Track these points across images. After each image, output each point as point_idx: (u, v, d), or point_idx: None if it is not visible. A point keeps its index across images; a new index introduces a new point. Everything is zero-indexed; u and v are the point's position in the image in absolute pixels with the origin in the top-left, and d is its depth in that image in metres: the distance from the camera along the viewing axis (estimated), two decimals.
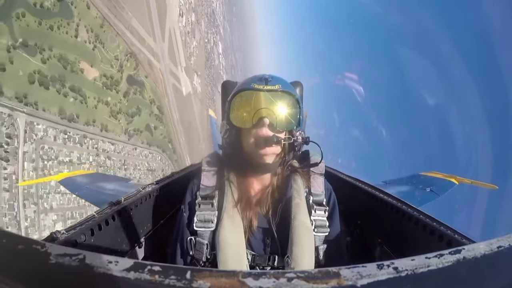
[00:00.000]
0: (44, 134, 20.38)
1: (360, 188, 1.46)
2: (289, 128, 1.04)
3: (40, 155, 20.06)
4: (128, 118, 28.79)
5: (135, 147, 29.80)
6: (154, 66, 34.78)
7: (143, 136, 31.01)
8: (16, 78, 18.54)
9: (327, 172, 1.23)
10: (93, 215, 0.97)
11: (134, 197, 1.19)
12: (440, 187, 2.53)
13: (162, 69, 36.02)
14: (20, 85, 18.61)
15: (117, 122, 27.16)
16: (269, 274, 0.28)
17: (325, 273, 0.28)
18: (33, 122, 19.58)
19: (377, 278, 0.27)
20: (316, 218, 1.03)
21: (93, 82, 24.81)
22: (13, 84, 18.14)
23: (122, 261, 0.29)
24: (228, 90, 1.83)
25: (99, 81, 25.45)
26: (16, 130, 18.43)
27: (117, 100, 27.52)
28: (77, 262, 0.29)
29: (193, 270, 0.28)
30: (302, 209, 1.01)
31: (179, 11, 43.12)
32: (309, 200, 1.06)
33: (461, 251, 0.30)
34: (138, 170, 29.68)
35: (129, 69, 29.53)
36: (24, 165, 18.86)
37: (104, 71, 26.16)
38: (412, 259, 0.29)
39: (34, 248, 0.31)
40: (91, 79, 24.69)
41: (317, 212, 1.04)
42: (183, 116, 42.08)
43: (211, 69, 60.14)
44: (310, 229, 0.98)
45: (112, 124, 26.56)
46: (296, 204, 1.01)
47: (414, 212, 1.05)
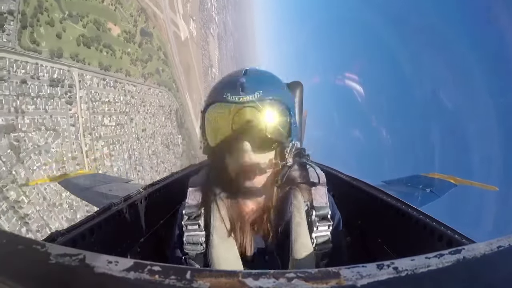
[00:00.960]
0: (91, 82, 28.44)
1: (360, 188, 1.45)
2: (277, 147, 0.89)
3: (90, 98, 28.65)
4: (143, 64, 36.22)
5: (149, 88, 38.20)
6: (158, 17, 39.92)
7: (154, 78, 38.89)
8: (69, 42, 25.29)
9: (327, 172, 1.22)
10: (93, 215, 0.97)
11: (134, 197, 1.19)
12: (440, 188, 2.52)
13: (165, 19, 41.01)
14: (72, 48, 25.50)
15: (136, 68, 34.84)
16: (269, 274, 0.28)
17: (325, 273, 0.28)
18: (83, 74, 27.29)
19: (377, 278, 0.27)
20: (318, 235, 0.95)
21: (117, 37, 31.48)
22: (68, 47, 25.03)
23: (122, 261, 0.29)
24: None
25: (121, 36, 32.10)
26: (74, 81, 26.40)
27: (135, 50, 34.60)
28: (77, 262, 0.29)
29: (193, 270, 0.28)
30: (303, 229, 0.92)
31: None
32: (311, 215, 0.96)
33: (461, 251, 0.30)
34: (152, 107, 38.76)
35: (141, 23, 35.49)
36: (81, 106, 27.69)
37: (124, 28, 32.55)
38: (412, 259, 0.29)
39: (34, 248, 0.31)
40: (116, 36, 31.20)
41: (319, 228, 0.95)
42: (182, 59, 48.74)
43: (204, 12, 61.98)
44: (311, 250, 0.89)
45: (133, 70, 34.30)
46: (297, 224, 0.91)
47: (414, 212, 1.04)
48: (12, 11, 19.83)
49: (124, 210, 1.10)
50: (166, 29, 42.34)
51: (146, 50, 37.39)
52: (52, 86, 23.65)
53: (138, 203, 1.20)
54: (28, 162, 21.83)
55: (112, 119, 30.68)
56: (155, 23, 39.47)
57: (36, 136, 22.52)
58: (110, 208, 1.04)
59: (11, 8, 19.83)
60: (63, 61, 24.95)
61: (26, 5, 21.12)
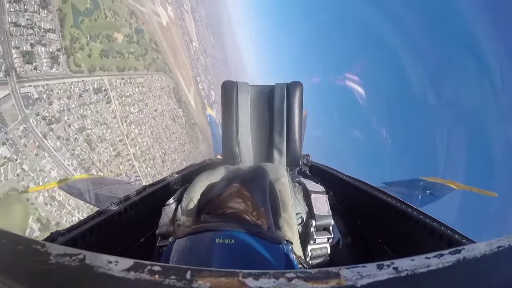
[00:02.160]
0: (116, 84, 36.78)
1: (360, 188, 1.44)
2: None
3: (119, 96, 37.49)
4: (143, 57, 44.11)
5: (152, 76, 46.66)
6: (144, 13, 45.91)
7: (153, 67, 46.91)
8: (96, 58, 32.96)
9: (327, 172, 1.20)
10: (93, 215, 0.97)
11: (134, 198, 1.20)
12: (439, 191, 2.54)
13: (148, 12, 46.93)
14: (99, 61, 33.27)
15: (139, 63, 42.82)
16: (269, 274, 0.28)
17: (325, 273, 0.28)
18: (111, 79, 35.49)
19: (377, 278, 0.27)
20: (314, 247, 0.91)
21: (122, 43, 38.74)
22: (97, 62, 32.76)
23: (122, 261, 0.29)
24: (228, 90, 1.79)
25: (124, 40, 39.28)
26: (106, 86, 34.90)
27: (135, 48, 41.99)
28: (77, 262, 0.29)
29: (193, 270, 0.28)
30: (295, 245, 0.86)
31: None
32: (309, 227, 0.93)
33: (461, 251, 0.30)
34: (156, 91, 47.75)
35: (134, 24, 41.93)
36: (115, 103, 36.76)
37: (124, 33, 39.65)
38: (412, 259, 0.29)
39: (34, 248, 0.31)
40: (120, 42, 38.38)
41: (317, 241, 0.91)
42: (169, 43, 55.93)
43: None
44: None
45: (138, 64, 42.42)
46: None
47: (414, 212, 1.05)
48: (59, 48, 28.03)
49: (124, 210, 1.10)
50: (151, 21, 48.49)
51: (143, 45, 44.66)
52: (95, 93, 32.36)
53: (138, 203, 1.20)
54: (97, 149, 31.88)
55: (134, 107, 39.97)
56: (143, 19, 45.92)
57: (97, 130, 32.10)
58: (110, 208, 1.04)
59: (58, 46, 27.78)
60: (97, 73, 33.11)
61: (64, 41, 28.69)
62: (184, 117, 56.46)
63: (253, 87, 1.84)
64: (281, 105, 1.68)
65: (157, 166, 42.07)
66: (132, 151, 37.52)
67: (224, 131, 1.77)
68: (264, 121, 1.78)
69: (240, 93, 1.71)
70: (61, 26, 28.85)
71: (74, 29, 30.95)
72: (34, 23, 26.10)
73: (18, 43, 24.35)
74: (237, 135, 1.74)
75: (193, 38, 74.62)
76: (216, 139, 4.45)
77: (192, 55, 69.08)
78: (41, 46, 26.70)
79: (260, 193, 0.88)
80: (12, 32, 24.09)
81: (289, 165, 1.81)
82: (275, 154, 1.70)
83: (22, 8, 25.18)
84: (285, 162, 1.76)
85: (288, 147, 1.75)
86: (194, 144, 55.29)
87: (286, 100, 1.71)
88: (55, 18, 28.71)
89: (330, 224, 0.95)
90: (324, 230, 0.95)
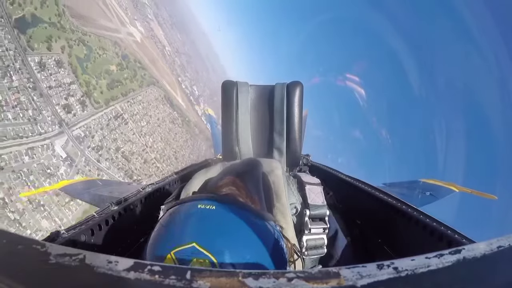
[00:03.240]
0: (126, 106, 45.17)
1: (360, 188, 1.44)
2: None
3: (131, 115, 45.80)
4: (135, 78, 51.77)
5: (146, 91, 54.66)
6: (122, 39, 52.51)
7: (144, 83, 54.57)
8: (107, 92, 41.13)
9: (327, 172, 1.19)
10: (93, 215, 0.97)
11: (134, 197, 1.20)
12: (439, 192, 2.54)
13: (123, 37, 53.56)
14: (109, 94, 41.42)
15: (133, 83, 50.57)
16: (269, 274, 0.28)
17: (325, 273, 0.28)
18: (121, 104, 43.73)
19: (377, 278, 0.27)
20: (309, 237, 0.91)
21: (117, 72, 46.32)
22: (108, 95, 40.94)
23: (122, 261, 0.29)
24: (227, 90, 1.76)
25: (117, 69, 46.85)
26: (121, 111, 43.26)
27: (127, 73, 49.47)
28: (77, 262, 0.29)
29: (193, 270, 0.28)
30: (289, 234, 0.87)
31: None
32: (304, 216, 0.94)
33: (461, 251, 0.30)
34: (153, 102, 55.89)
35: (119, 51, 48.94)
36: (131, 121, 45.31)
37: (115, 63, 46.96)
38: (412, 259, 0.29)
39: (34, 248, 0.31)
40: (116, 71, 45.94)
41: (312, 231, 0.92)
42: (148, 57, 63.19)
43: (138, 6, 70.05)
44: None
45: (133, 85, 50.22)
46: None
47: (414, 212, 1.05)
48: (82, 94, 36.20)
49: (124, 210, 1.10)
50: (129, 43, 55.14)
51: (131, 68, 51.83)
52: (115, 119, 40.73)
53: (138, 203, 1.20)
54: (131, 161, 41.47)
55: (143, 121, 48.61)
56: (124, 45, 52.57)
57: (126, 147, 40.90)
58: (110, 208, 1.04)
59: (80, 93, 35.87)
60: (111, 104, 41.23)
61: (83, 87, 36.59)
62: (180, 117, 65.53)
63: (253, 87, 1.86)
64: (281, 105, 1.68)
65: (173, 163, 52.10)
66: (153, 156, 47.20)
67: (224, 131, 1.79)
68: (264, 121, 1.79)
69: (240, 93, 1.73)
70: (76, 77, 36.74)
71: (84, 75, 38.80)
72: (59, 81, 34.27)
73: (56, 100, 32.79)
74: (237, 135, 1.75)
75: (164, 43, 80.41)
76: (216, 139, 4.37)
77: (168, 60, 75.78)
78: (71, 97, 35.15)
79: (253, 184, 0.88)
80: (50, 94, 32.38)
81: (289, 165, 1.82)
82: (275, 154, 1.72)
83: (48, 73, 33.26)
84: (285, 162, 1.77)
85: (288, 147, 1.76)
86: (194, 139, 65.21)
87: (286, 100, 1.71)
88: (70, 72, 36.51)
89: (325, 214, 0.95)
90: (320, 221, 0.95)
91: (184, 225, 0.61)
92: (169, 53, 79.14)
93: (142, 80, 53.53)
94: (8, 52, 28.81)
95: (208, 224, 0.60)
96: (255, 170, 0.99)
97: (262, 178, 0.97)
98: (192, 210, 0.64)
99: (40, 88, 30.54)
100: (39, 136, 28.53)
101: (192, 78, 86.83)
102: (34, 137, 28.08)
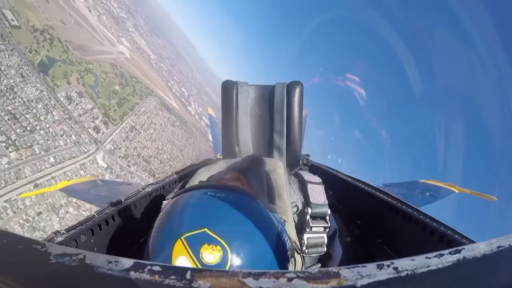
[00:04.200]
0: (135, 120, 53.08)
1: (360, 188, 1.44)
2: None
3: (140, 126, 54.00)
4: (135, 92, 59.15)
5: (145, 102, 62.18)
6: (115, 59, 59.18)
7: (142, 95, 61.99)
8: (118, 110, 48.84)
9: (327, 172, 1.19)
10: (93, 215, 0.97)
11: (134, 197, 1.19)
12: (439, 193, 2.52)
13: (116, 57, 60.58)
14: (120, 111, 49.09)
15: (135, 97, 58.13)
16: (269, 274, 0.27)
17: (325, 273, 0.28)
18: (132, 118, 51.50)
19: (377, 278, 0.27)
20: (310, 236, 0.92)
21: (121, 90, 53.59)
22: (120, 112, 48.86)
23: (122, 261, 0.29)
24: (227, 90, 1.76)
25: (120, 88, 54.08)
26: (133, 124, 51.21)
27: (128, 89, 56.90)
28: (77, 262, 0.29)
29: (193, 270, 0.28)
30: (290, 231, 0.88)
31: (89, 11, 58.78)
32: (305, 215, 0.94)
33: (461, 251, 0.30)
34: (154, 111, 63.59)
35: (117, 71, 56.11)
36: (142, 132, 53.38)
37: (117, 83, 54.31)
38: (412, 259, 0.29)
39: (34, 248, 0.31)
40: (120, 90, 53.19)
41: (313, 229, 0.92)
42: (139, 70, 70.34)
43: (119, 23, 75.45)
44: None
45: (135, 99, 57.75)
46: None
47: (414, 212, 1.04)
48: (103, 115, 44.08)
49: (124, 210, 1.09)
50: (122, 61, 62.02)
51: (130, 84, 59.26)
52: (131, 131, 49.10)
53: (138, 203, 1.20)
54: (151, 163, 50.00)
55: (151, 129, 56.88)
56: (118, 64, 59.67)
57: (145, 152, 48.94)
58: (110, 208, 1.04)
59: (101, 115, 43.73)
60: (124, 119, 49.41)
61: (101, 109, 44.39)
62: (178, 120, 73.91)
63: (253, 86, 1.85)
64: (281, 104, 1.67)
65: (181, 160, 60.82)
66: (165, 156, 55.94)
67: (224, 131, 1.79)
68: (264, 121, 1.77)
69: (240, 93, 1.72)
70: (94, 102, 44.46)
71: (99, 99, 46.45)
72: (84, 109, 42.09)
73: (87, 124, 40.84)
74: (237, 134, 1.74)
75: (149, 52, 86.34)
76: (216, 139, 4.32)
77: (156, 68, 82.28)
78: (96, 119, 43.17)
79: (257, 180, 0.89)
80: (82, 120, 40.32)
81: (289, 165, 1.81)
82: (275, 153, 1.71)
83: (74, 104, 41.11)
84: (285, 161, 1.76)
85: (288, 147, 1.75)
86: (193, 137, 74.03)
87: (286, 99, 1.70)
88: (89, 99, 44.15)
89: (326, 213, 0.95)
90: (321, 220, 0.95)
91: (193, 211, 0.62)
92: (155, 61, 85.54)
93: (140, 93, 61.12)
94: (43, 93, 36.76)
95: (218, 211, 0.61)
96: (259, 167, 1.02)
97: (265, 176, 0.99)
98: (201, 197, 0.65)
99: (74, 117, 39.02)
100: (84, 154, 37.15)
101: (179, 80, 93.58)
102: (82, 156, 36.72)
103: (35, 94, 35.36)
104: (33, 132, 31.96)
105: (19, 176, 27.58)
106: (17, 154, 28.91)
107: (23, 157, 29.15)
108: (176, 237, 0.55)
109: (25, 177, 28.14)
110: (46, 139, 33.00)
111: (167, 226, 0.62)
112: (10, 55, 35.55)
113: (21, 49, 37.64)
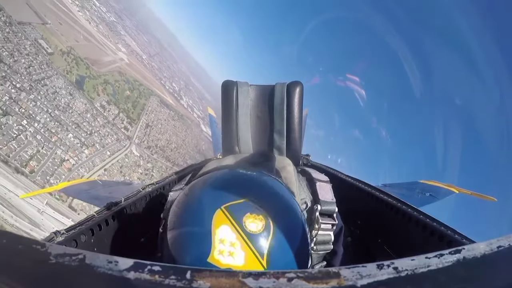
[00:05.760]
0: (149, 117, 66.41)
1: (360, 188, 1.45)
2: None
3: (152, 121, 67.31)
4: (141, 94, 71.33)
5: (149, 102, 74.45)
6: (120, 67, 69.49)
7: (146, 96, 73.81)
8: (134, 112, 61.98)
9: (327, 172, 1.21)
10: (93, 215, 0.97)
11: (134, 198, 1.20)
12: (439, 193, 2.54)
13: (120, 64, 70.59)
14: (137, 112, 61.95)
15: (142, 100, 69.78)
16: (269, 274, 0.28)
17: (325, 273, 0.28)
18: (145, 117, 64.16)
19: (377, 278, 0.27)
20: (320, 233, 0.92)
21: (131, 94, 65.98)
22: (137, 113, 61.96)
23: (122, 261, 0.29)
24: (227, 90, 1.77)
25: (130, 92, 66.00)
26: (148, 121, 64.55)
27: (135, 93, 69.07)
28: (77, 262, 0.29)
29: (193, 270, 0.28)
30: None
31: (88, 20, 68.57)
32: (315, 212, 0.94)
33: (461, 251, 0.30)
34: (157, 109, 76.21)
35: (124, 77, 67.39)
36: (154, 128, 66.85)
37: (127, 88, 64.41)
38: (412, 259, 0.29)
39: (34, 248, 0.31)
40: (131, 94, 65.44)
41: (322, 226, 0.92)
42: (138, 73, 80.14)
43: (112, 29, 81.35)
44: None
45: (143, 100, 68.37)
46: None
47: (414, 212, 1.05)
48: (127, 118, 57.39)
49: (124, 210, 1.10)
50: (124, 67, 72.25)
51: (135, 88, 67.95)
52: (146, 128, 62.46)
53: (138, 203, 1.20)
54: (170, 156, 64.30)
55: (159, 124, 69.81)
56: (123, 71, 68.75)
57: (161, 142, 64.10)
58: (110, 208, 1.05)
59: (125, 117, 56.99)
60: (142, 118, 60.83)
61: (124, 113, 57.57)
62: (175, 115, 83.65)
63: (253, 86, 1.87)
64: (281, 104, 1.68)
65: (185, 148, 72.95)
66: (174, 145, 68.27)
67: (224, 131, 1.81)
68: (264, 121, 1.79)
69: (240, 93, 1.74)
70: (118, 108, 55.90)
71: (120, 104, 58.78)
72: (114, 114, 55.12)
73: (119, 126, 54.09)
74: (237, 134, 1.75)
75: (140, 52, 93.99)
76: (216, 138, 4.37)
77: (148, 67, 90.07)
78: (123, 121, 56.42)
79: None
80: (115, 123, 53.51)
81: None
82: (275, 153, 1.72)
83: (107, 111, 53.97)
84: None
85: (288, 147, 1.77)
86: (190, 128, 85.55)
87: (286, 99, 1.72)
88: (114, 105, 56.70)
89: (334, 211, 0.97)
90: (329, 217, 0.96)
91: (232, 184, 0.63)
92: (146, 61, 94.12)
93: (144, 95, 72.96)
94: (87, 105, 49.93)
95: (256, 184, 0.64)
96: (270, 162, 1.05)
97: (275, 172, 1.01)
98: (236, 173, 0.67)
99: (110, 121, 52.52)
100: (124, 148, 51.11)
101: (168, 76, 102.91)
102: (123, 149, 50.75)
103: (83, 107, 48.35)
104: (91, 135, 45.76)
105: (95, 164, 42.07)
106: (88, 150, 43.15)
107: (92, 152, 43.39)
108: (216, 207, 0.56)
109: (97, 164, 42.71)
110: (100, 139, 46.82)
111: (202, 199, 0.63)
112: (57, 78, 47.63)
113: (60, 72, 49.57)
